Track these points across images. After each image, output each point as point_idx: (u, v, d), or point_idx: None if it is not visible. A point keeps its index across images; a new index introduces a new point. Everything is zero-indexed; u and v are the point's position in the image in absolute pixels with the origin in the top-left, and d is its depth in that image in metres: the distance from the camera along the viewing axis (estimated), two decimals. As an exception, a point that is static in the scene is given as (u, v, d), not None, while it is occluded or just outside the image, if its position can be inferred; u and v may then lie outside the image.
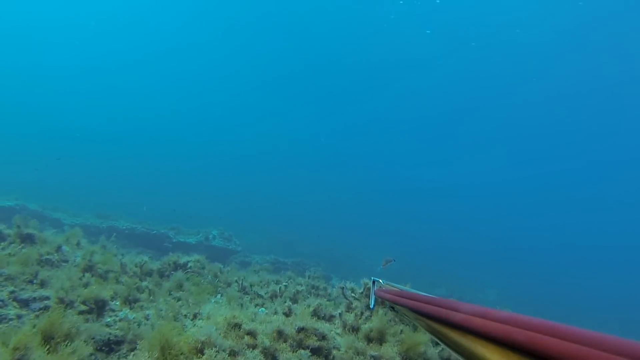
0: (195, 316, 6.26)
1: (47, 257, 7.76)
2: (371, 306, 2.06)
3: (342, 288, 6.04)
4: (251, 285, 8.12)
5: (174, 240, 20.18)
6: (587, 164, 56.89)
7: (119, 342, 5.78)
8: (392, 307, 1.52)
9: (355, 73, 57.74)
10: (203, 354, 3.58)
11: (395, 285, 1.72)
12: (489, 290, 26.99)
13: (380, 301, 1.94)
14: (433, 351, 5.02)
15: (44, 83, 64.77)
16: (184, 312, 6.97)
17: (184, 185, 50.05)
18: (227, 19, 52.20)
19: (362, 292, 5.95)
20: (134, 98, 68.12)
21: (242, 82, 64.13)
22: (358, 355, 4.40)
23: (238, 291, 8.74)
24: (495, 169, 64.31)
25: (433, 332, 0.99)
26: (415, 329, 4.99)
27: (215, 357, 3.53)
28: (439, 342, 0.97)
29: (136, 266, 9.08)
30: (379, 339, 4.50)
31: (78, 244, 10.32)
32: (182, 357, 3.64)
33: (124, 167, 54.55)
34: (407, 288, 1.53)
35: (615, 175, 56.45)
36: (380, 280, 1.92)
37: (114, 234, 11.86)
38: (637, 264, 46.90)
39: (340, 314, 5.54)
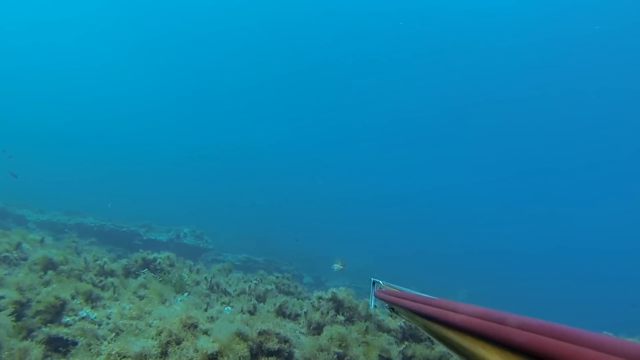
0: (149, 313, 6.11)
1: (5, 254, 7.46)
2: (371, 307, 2.05)
3: (312, 303, 6.00)
4: (217, 285, 7.99)
5: (145, 238, 19.76)
6: (551, 173, 58.85)
7: (76, 343, 5.59)
8: (392, 308, 1.52)
9: (329, 75, 57.81)
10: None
11: (395, 286, 1.71)
12: (460, 289, 27.45)
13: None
14: (395, 349, 5.03)
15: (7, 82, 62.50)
16: (148, 310, 6.80)
17: (158, 185, 49.27)
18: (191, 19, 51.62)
19: (329, 299, 5.91)
20: (104, 99, 66.37)
21: (216, 83, 63.36)
22: (322, 351, 4.37)
23: (206, 289, 8.61)
24: (468, 175, 65.56)
25: (433, 333, 0.98)
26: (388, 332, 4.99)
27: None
28: (439, 344, 0.97)
29: (97, 264, 8.81)
30: (343, 345, 4.48)
31: (42, 241, 9.97)
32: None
33: (96, 166, 53.25)
34: (407, 289, 1.52)
35: (574, 185, 58.66)
36: (380, 282, 1.90)
37: (70, 228, 11.54)
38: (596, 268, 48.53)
39: (305, 312, 5.51)
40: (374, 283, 1.95)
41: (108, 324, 6.40)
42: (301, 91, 62.48)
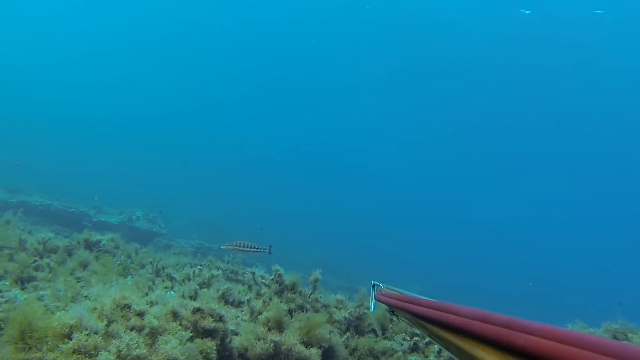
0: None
1: None
2: (371, 310, 2.07)
3: (253, 273, 5.91)
4: (164, 268, 7.72)
5: (94, 220, 18.93)
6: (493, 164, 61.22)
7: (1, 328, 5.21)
8: (392, 311, 1.55)
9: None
10: (71, 339, 3.24)
11: (396, 289, 1.72)
12: (412, 285, 27.76)
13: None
14: (338, 339, 4.99)
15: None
16: (85, 293, 6.46)
17: (113, 165, 47.42)
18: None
19: (272, 279, 5.82)
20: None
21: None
22: (259, 340, 4.27)
23: (151, 273, 8.30)
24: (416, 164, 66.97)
25: (433, 335, 1.00)
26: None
27: (86, 340, 3.21)
28: (440, 346, 0.98)
29: (38, 243, 8.31)
30: (278, 327, 4.39)
31: (-29, 217, 9.30)
32: (46, 342, 3.27)
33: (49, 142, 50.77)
34: (408, 292, 1.54)
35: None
36: (381, 284, 1.89)
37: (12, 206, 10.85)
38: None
39: (248, 300, 5.38)
40: (374, 286, 1.94)
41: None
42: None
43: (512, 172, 61.17)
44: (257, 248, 6.64)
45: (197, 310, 3.94)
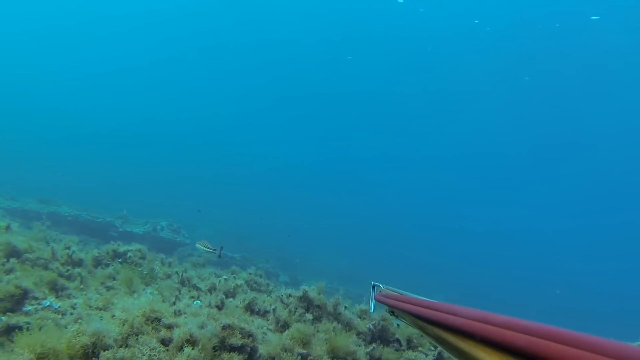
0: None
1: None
2: (371, 311, 2.06)
3: (281, 297, 5.97)
4: (188, 279, 7.88)
5: (120, 230, 19.40)
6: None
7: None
8: (392, 312, 1.54)
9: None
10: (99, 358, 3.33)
11: (396, 289, 1.73)
12: (437, 295, 27.37)
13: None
14: (362, 351, 5.02)
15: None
16: (115, 301, 6.66)
17: (136, 174, 48.50)
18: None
19: (300, 297, 5.87)
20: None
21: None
22: (285, 352, 4.33)
23: (177, 283, 8.47)
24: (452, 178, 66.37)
25: (433, 336, 1.00)
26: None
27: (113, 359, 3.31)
28: (439, 346, 0.99)
29: (67, 256, 8.58)
30: (303, 343, 4.44)
31: (7, 227, 9.68)
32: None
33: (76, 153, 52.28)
34: (408, 293, 1.54)
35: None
36: (381, 285, 1.89)
37: (43, 216, 11.21)
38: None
39: (274, 309, 5.46)
40: (374, 287, 1.93)
41: (72, 313, 6.23)
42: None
43: (547, 181, 60.26)
44: (209, 249, 6.71)
45: (227, 326, 4.02)
